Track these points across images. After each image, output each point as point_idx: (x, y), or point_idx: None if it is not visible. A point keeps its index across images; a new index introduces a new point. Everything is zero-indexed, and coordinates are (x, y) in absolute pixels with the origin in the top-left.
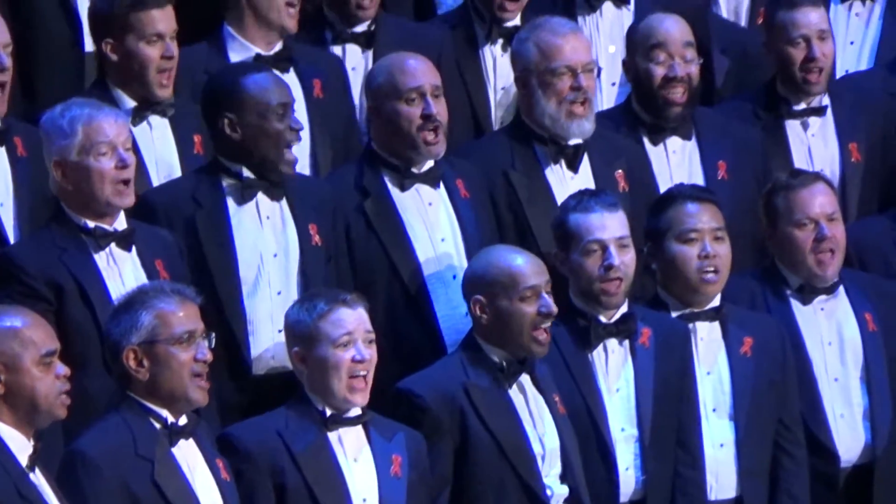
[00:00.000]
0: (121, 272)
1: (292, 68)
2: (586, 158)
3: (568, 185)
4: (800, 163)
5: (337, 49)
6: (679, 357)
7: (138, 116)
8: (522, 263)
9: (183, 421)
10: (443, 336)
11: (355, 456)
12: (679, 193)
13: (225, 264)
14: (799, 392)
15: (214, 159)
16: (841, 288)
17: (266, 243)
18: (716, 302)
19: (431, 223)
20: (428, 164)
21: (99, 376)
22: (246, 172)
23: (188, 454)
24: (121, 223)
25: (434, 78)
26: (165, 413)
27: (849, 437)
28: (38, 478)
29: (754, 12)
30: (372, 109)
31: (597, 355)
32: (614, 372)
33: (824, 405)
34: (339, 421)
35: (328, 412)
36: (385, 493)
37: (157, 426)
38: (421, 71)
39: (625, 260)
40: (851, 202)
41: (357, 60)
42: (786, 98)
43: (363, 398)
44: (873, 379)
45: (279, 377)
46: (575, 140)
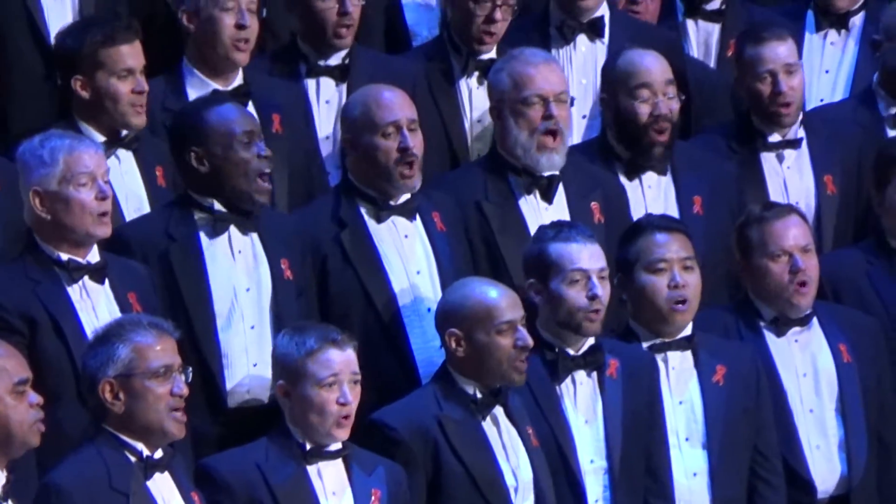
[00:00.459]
0: (94, 305)
1: (251, 102)
2: (561, 189)
3: (542, 216)
4: (775, 195)
5: (311, 82)
6: (647, 387)
7: (107, 151)
8: (498, 297)
9: (158, 454)
10: (417, 368)
11: (335, 489)
12: (647, 224)
13: (199, 298)
14: (774, 423)
15: (185, 193)
16: (815, 320)
17: (239, 278)
18: (687, 331)
19: (407, 255)
20: (404, 197)
21: (73, 410)
22: (217, 206)
23: (163, 487)
24: (94, 256)
25: (410, 111)
26: (141, 446)
27: (825, 469)
28: None
29: (724, 46)
30: (348, 141)
31: (565, 387)
32: (583, 404)
33: (800, 436)
34: (320, 455)
35: (308, 446)
36: None
37: (133, 459)
38: (398, 104)
39: (605, 292)
40: (827, 234)
41: (331, 93)
42: (760, 131)
43: (345, 433)
44: (848, 410)
45: (253, 410)
46: (548, 171)
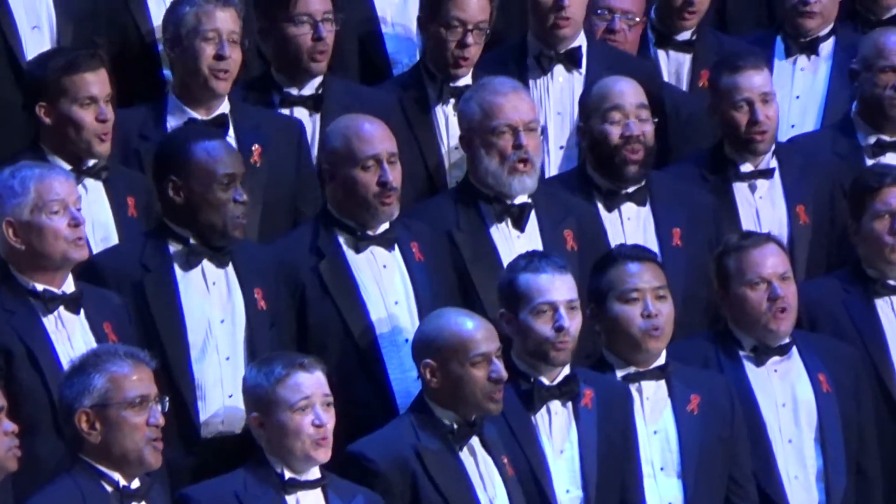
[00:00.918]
0: (69, 335)
1: (232, 133)
2: (533, 217)
3: (514, 245)
4: (747, 225)
5: (284, 111)
6: (621, 417)
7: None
8: (473, 328)
9: (135, 484)
10: (395, 398)
11: None
12: (619, 254)
13: (173, 329)
14: (753, 453)
15: (161, 222)
16: (794, 349)
17: (213, 309)
18: (661, 360)
19: (385, 286)
20: (383, 227)
21: (49, 440)
22: (192, 238)
23: None
24: (69, 286)
25: (390, 144)
26: (117, 476)
27: (803, 499)
28: None
29: (695, 76)
30: (327, 172)
31: (540, 417)
32: (558, 434)
33: (778, 467)
34: (298, 484)
35: (287, 475)
36: None
37: (109, 489)
38: (378, 137)
39: (573, 323)
40: (800, 264)
41: (304, 123)
42: (733, 160)
43: (325, 455)
44: (828, 440)
45: (227, 441)
46: (520, 198)
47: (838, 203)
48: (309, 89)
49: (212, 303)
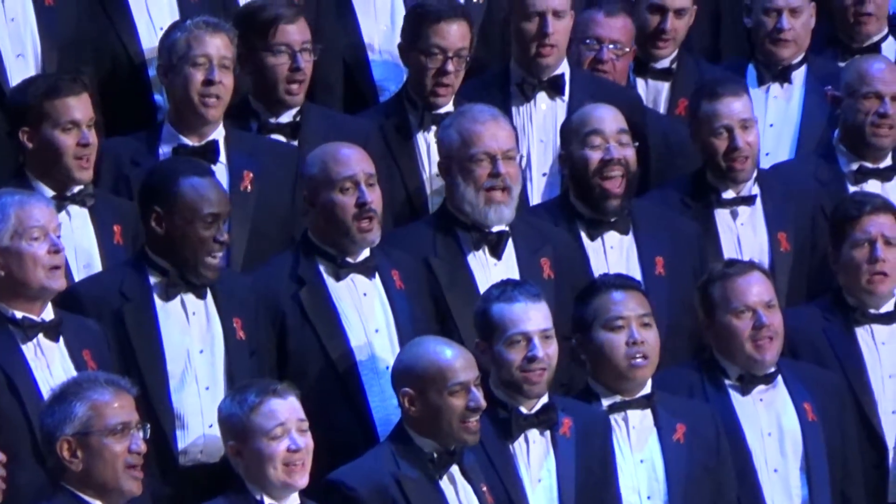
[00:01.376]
0: (49, 363)
1: (224, 160)
2: (511, 245)
3: (490, 272)
4: (729, 252)
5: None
6: (600, 445)
7: (57, 206)
8: (451, 357)
9: None
10: (375, 426)
11: None
12: (604, 283)
13: (152, 359)
14: (738, 483)
15: (142, 251)
16: (779, 378)
17: (192, 339)
18: (647, 389)
19: (366, 314)
20: (363, 255)
21: (28, 467)
22: (170, 270)
23: None
24: (48, 314)
25: (368, 166)
26: None
27: None
28: None
29: (673, 104)
30: (306, 199)
31: (518, 446)
32: (536, 462)
33: (764, 496)
34: None
35: (266, 502)
36: None
37: None
38: (354, 159)
39: (548, 352)
40: (781, 291)
41: None
42: (715, 187)
43: (303, 480)
44: (813, 469)
45: (206, 470)
46: (497, 226)
47: (820, 230)
48: (287, 117)
49: (191, 333)
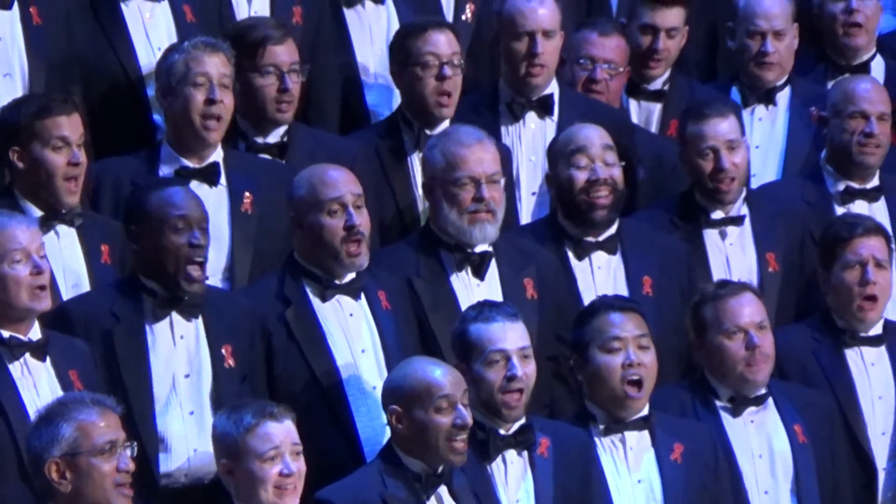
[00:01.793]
0: (35, 382)
1: (224, 181)
2: (494, 266)
3: (474, 293)
4: (717, 272)
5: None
6: (581, 465)
7: (45, 226)
8: (440, 375)
9: None
10: (362, 446)
11: None
12: (602, 304)
13: (139, 381)
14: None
15: (133, 272)
16: (770, 400)
17: (179, 363)
18: (644, 410)
19: (352, 334)
20: (350, 276)
21: (15, 487)
22: (160, 290)
23: None
24: (35, 333)
25: (355, 188)
26: None
27: None
28: None
29: (665, 125)
30: (294, 221)
31: (496, 467)
32: (514, 483)
33: None
34: None
35: None
36: None
37: None
38: (342, 181)
39: (527, 371)
40: (769, 312)
41: None
42: (703, 207)
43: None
44: (803, 491)
45: (190, 493)
46: (480, 246)
47: (808, 251)
48: (274, 137)
49: (178, 357)
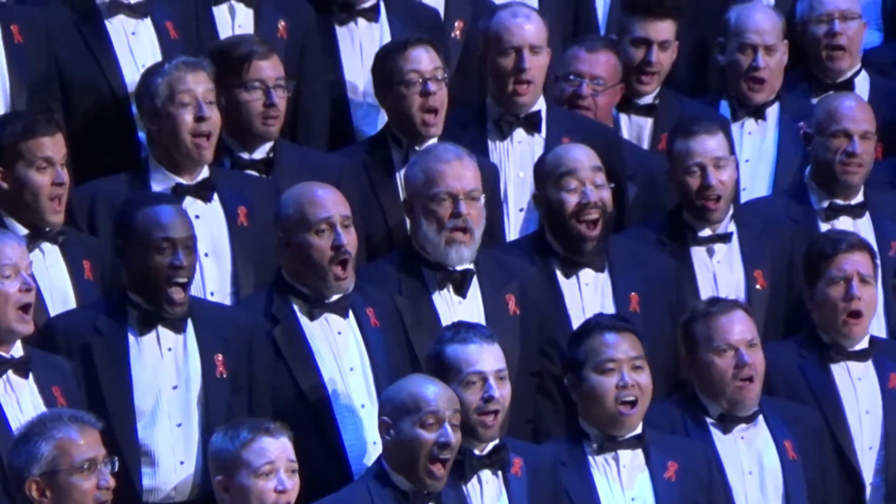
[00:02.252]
0: (18, 399)
1: (217, 197)
2: (475, 283)
3: (455, 311)
4: (705, 289)
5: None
6: (551, 485)
7: (30, 244)
8: (432, 391)
9: None
10: (350, 464)
11: None
12: (596, 324)
13: (119, 394)
14: None
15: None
16: (760, 417)
17: (166, 375)
18: (638, 429)
19: (340, 352)
20: (337, 294)
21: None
22: (146, 304)
23: None
24: (17, 350)
25: (343, 208)
26: None
27: None
28: None
29: (655, 140)
30: (281, 240)
31: (472, 487)
32: (490, 503)
33: None
34: None
35: None
36: None
37: None
38: (331, 201)
39: (503, 393)
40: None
41: None
42: (691, 225)
43: None
44: None
45: None
46: (459, 266)
47: (796, 268)
48: (260, 153)
49: (165, 369)
